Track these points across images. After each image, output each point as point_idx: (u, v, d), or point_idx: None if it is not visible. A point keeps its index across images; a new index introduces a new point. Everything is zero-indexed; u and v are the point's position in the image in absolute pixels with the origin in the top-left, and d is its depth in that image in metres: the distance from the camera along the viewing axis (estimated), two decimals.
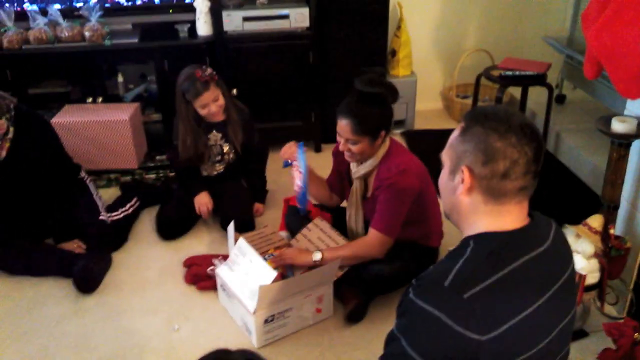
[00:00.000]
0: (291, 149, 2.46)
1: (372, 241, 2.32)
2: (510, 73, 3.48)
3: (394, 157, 2.32)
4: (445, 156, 1.31)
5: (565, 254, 1.31)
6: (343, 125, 2.25)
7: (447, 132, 1.37)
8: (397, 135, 3.97)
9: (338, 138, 2.31)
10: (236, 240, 2.38)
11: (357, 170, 2.40)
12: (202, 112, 2.75)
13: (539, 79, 3.49)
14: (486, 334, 1.10)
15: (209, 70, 2.74)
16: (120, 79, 3.61)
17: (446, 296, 1.13)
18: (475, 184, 1.22)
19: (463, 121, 1.26)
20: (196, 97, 2.70)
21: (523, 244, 1.21)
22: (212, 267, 2.53)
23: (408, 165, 2.29)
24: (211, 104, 2.74)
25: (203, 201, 2.90)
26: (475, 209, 1.24)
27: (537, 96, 3.81)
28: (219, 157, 2.95)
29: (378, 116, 2.24)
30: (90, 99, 3.51)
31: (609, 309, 2.39)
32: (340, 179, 2.57)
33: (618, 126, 2.20)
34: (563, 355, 1.30)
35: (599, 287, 2.20)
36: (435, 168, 1.62)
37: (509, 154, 1.18)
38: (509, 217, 1.23)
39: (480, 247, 1.20)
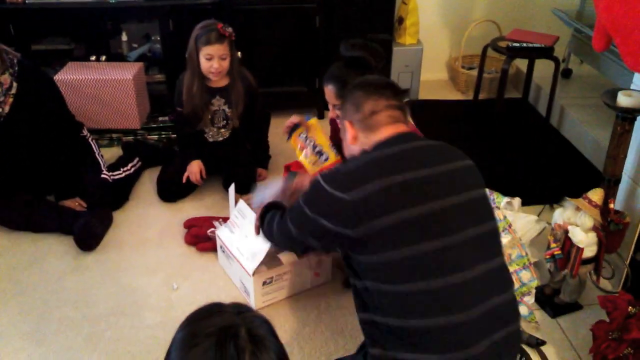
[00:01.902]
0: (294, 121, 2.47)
1: None
2: (517, 44, 3.45)
3: None
4: (340, 124, 1.75)
5: (450, 155, 1.58)
6: (328, 90, 2.25)
7: (451, 103, 1.47)
8: None
9: (329, 105, 2.31)
10: (237, 202, 2.39)
11: None
12: (205, 65, 2.70)
13: (547, 52, 3.46)
14: (348, 192, 1.43)
15: (230, 29, 2.71)
16: (124, 37, 3.57)
17: (333, 175, 1.51)
18: (356, 129, 1.63)
19: (345, 93, 1.71)
20: (206, 45, 2.65)
21: (398, 140, 1.55)
22: (212, 229, 2.54)
23: None
24: (216, 59, 2.68)
25: (193, 170, 2.88)
26: (362, 144, 1.62)
27: (543, 70, 3.78)
28: (223, 123, 2.93)
29: None
30: (93, 57, 3.48)
31: (604, 283, 2.42)
32: (338, 145, 2.57)
33: (624, 100, 2.19)
34: (481, 233, 1.48)
35: (595, 260, 2.21)
36: (438, 139, 1.64)
37: (370, 98, 1.61)
38: (385, 133, 1.58)
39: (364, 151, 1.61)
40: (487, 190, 2.38)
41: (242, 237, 2.30)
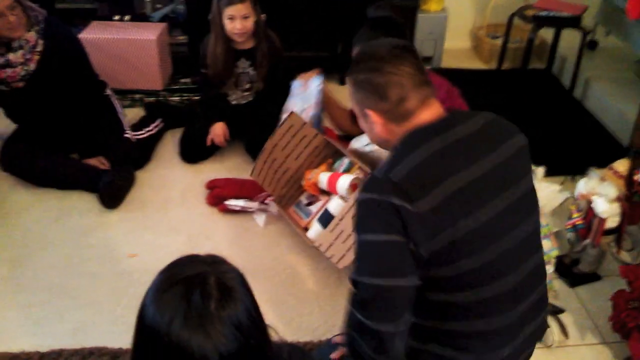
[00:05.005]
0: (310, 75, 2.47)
1: None
2: (545, 13, 3.39)
3: None
4: (353, 107, 1.44)
5: (499, 134, 1.38)
6: None
7: (474, 72, 1.37)
8: None
9: None
10: None
11: None
12: (228, 25, 2.69)
13: (574, 21, 3.40)
14: (415, 201, 1.21)
15: None
16: None
17: (377, 181, 1.28)
18: (385, 117, 1.35)
19: (349, 75, 1.40)
20: (228, 5, 2.64)
21: (441, 127, 1.31)
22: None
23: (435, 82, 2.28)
24: (239, 19, 2.66)
25: (216, 132, 2.88)
26: (394, 133, 1.36)
27: (568, 41, 3.72)
28: (248, 85, 2.93)
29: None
30: (117, 17, 3.47)
31: (624, 255, 2.42)
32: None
33: None
34: (529, 231, 1.36)
35: (617, 232, 2.21)
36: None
37: (393, 81, 1.31)
38: (420, 119, 1.34)
39: (403, 142, 1.32)
40: None
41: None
